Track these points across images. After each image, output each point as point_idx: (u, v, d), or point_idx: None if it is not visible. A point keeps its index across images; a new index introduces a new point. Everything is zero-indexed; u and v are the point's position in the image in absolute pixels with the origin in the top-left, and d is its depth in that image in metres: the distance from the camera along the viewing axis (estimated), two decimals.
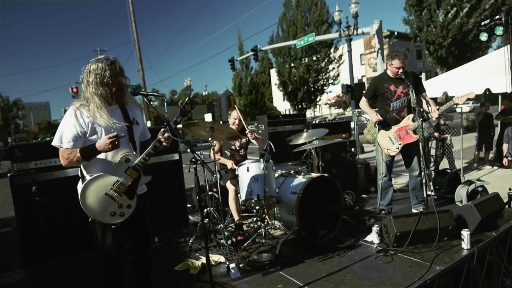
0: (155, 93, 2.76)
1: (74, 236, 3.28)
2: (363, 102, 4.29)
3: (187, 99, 2.45)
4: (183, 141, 2.35)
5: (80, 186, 2.18)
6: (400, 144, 4.05)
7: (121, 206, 2.15)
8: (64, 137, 2.11)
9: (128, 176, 2.17)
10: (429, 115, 3.81)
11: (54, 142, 2.14)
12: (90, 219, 2.13)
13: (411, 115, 3.98)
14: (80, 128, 2.11)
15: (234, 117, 4.29)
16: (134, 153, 2.27)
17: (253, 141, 4.16)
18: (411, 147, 4.04)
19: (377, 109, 4.27)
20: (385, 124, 4.14)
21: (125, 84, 2.27)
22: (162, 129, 2.27)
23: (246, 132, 4.17)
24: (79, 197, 2.08)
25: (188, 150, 2.37)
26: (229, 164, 4.11)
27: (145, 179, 2.31)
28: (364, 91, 4.48)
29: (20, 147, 3.38)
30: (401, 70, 3.89)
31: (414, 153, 4.07)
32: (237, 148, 4.34)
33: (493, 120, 8.30)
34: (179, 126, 2.53)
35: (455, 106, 4.01)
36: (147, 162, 2.23)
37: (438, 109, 3.84)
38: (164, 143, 2.24)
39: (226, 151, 4.36)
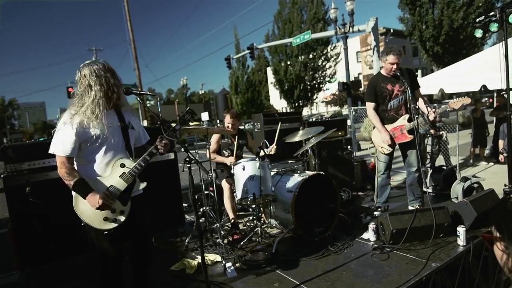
0: (148, 93, 2.72)
1: (69, 237, 3.24)
2: (371, 112, 4.09)
3: (188, 108, 2.41)
4: (180, 143, 2.33)
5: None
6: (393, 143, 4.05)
7: (114, 212, 2.13)
8: (63, 145, 2.06)
9: (123, 181, 2.15)
10: (424, 116, 3.81)
11: (55, 151, 2.08)
12: (83, 223, 2.11)
13: (407, 115, 3.94)
14: (76, 135, 2.06)
15: (227, 122, 4.27)
16: (130, 158, 2.25)
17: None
18: (410, 143, 4.01)
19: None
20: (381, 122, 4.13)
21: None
22: (160, 136, 2.23)
23: (268, 151, 3.99)
24: (73, 202, 2.06)
25: (182, 150, 2.36)
26: (227, 160, 4.10)
27: (140, 185, 2.30)
28: (364, 97, 4.37)
29: (13, 148, 3.35)
30: (395, 67, 3.86)
31: (412, 149, 4.04)
32: (234, 149, 4.34)
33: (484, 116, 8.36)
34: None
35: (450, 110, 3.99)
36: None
37: (434, 112, 3.84)
38: (161, 150, 2.22)
39: (223, 151, 4.35)
